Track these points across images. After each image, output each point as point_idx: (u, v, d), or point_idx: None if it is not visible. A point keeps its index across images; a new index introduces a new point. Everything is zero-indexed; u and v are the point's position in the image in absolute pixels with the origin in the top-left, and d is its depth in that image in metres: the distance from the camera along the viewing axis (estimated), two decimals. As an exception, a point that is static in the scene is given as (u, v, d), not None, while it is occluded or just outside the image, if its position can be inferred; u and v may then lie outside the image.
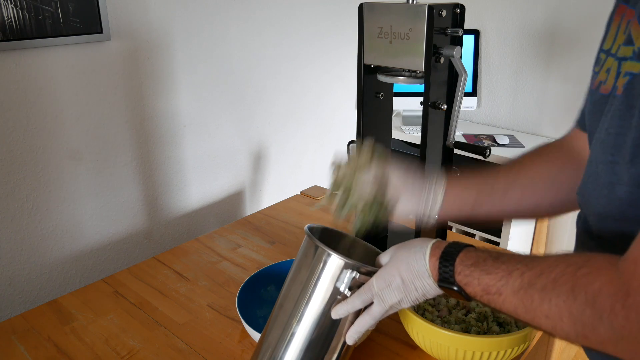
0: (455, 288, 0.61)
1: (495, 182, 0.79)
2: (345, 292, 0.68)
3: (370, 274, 0.68)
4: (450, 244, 0.64)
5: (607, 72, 0.61)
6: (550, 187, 0.78)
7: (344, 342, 0.70)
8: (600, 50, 0.66)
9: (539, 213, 0.85)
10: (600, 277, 0.48)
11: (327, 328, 0.69)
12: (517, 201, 0.78)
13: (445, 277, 0.61)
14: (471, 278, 0.59)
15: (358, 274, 0.68)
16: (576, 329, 0.49)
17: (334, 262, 0.68)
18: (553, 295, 0.51)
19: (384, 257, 0.70)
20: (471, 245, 0.63)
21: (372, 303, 0.68)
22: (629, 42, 0.56)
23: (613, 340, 0.47)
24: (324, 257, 0.68)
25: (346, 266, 0.68)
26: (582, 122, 0.75)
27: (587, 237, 0.66)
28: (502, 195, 0.78)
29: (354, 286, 0.68)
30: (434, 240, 0.66)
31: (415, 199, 0.79)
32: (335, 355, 0.71)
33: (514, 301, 0.55)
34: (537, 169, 0.79)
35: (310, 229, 0.74)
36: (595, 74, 0.65)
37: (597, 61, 0.66)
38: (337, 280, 0.68)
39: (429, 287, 0.64)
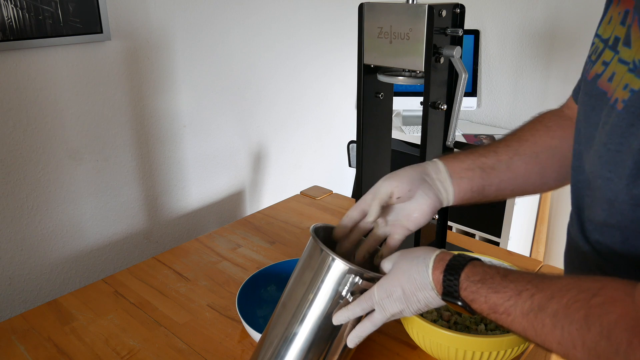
0: (459, 303, 0.60)
1: (497, 157, 0.75)
2: (348, 297, 0.68)
3: (373, 280, 0.67)
4: (455, 257, 0.62)
5: (605, 65, 0.59)
6: (554, 156, 0.74)
7: (345, 345, 0.70)
8: (596, 35, 0.63)
9: (547, 184, 0.79)
10: (615, 309, 0.47)
11: (328, 330, 0.69)
12: (524, 174, 0.75)
13: (449, 291, 0.60)
14: (477, 295, 0.58)
15: (361, 280, 0.68)
16: (590, 358, 0.48)
17: (338, 267, 0.68)
18: (565, 323, 0.49)
19: (387, 264, 0.69)
20: (477, 259, 0.62)
21: (373, 310, 0.67)
22: (627, 42, 0.55)
23: None
24: (328, 261, 0.68)
25: (350, 271, 0.67)
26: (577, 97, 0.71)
27: (583, 241, 0.65)
28: (506, 169, 0.74)
29: (357, 291, 0.68)
30: (437, 251, 0.64)
31: (426, 198, 0.73)
32: (336, 357, 0.71)
33: (523, 323, 0.54)
34: (539, 139, 0.75)
35: (316, 229, 0.74)
36: (591, 62, 0.63)
37: (593, 49, 0.63)
38: (340, 284, 0.68)
39: (431, 299, 0.63)
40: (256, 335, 0.82)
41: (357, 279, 0.67)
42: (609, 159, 0.56)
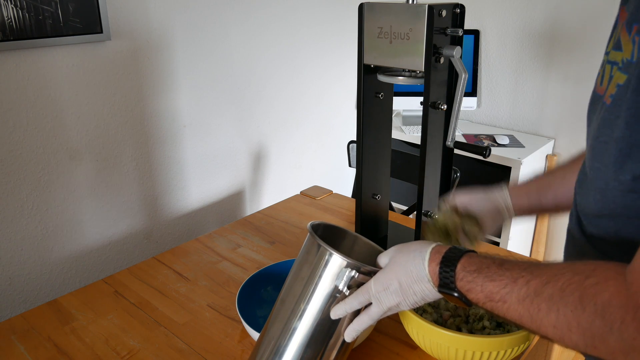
0: (455, 294, 0.60)
1: (552, 175, 0.85)
2: (345, 291, 0.68)
3: (370, 274, 0.68)
4: (450, 249, 0.63)
5: (602, 73, 0.62)
6: None
7: (344, 340, 0.71)
8: (605, 52, 0.67)
9: None
10: (608, 288, 0.48)
11: (327, 325, 0.70)
12: None
13: (445, 283, 0.61)
14: (474, 284, 0.59)
15: (358, 274, 0.68)
16: (585, 340, 0.49)
17: (336, 261, 0.68)
18: (561, 305, 0.50)
19: (384, 258, 0.70)
20: (472, 250, 0.63)
21: (371, 303, 0.68)
22: (618, 47, 0.57)
23: (624, 351, 0.47)
24: (325, 256, 0.69)
25: (347, 266, 0.68)
26: None
27: (579, 234, 0.67)
28: (560, 184, 0.82)
29: (354, 285, 0.68)
30: (433, 244, 0.65)
31: (492, 208, 0.86)
32: (335, 352, 0.72)
33: (519, 309, 0.54)
34: None
35: (313, 226, 0.75)
36: (598, 75, 0.66)
37: (601, 62, 0.67)
38: (338, 278, 0.68)
39: (428, 292, 0.63)
40: (256, 335, 0.82)
41: (354, 272, 0.68)
42: (599, 149, 0.58)
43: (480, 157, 1.48)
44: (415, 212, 1.02)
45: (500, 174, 1.90)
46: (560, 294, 0.51)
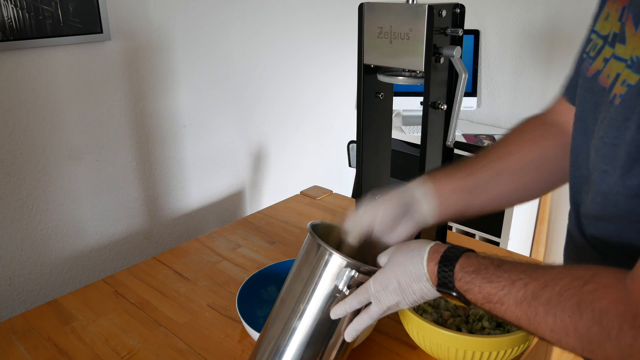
0: (454, 294, 0.60)
1: (479, 179, 0.75)
2: (345, 291, 0.68)
3: (369, 274, 0.68)
4: (449, 248, 0.63)
5: (605, 62, 0.60)
6: (541, 166, 0.75)
7: (344, 340, 0.71)
8: (593, 31, 0.63)
9: (534, 194, 0.80)
10: (607, 295, 0.47)
11: (327, 325, 0.70)
12: (505, 192, 0.75)
13: (444, 282, 0.61)
14: (472, 285, 0.58)
15: (358, 274, 0.68)
16: (582, 345, 0.49)
17: (336, 261, 0.68)
18: (558, 310, 0.50)
19: (383, 258, 0.70)
20: (471, 250, 0.63)
21: (370, 303, 0.68)
22: (622, 39, 0.56)
23: (621, 358, 0.47)
24: (325, 256, 0.69)
25: (347, 265, 0.68)
26: (571, 95, 0.72)
27: (579, 235, 0.66)
28: (486, 192, 0.75)
29: (354, 285, 0.69)
30: (432, 243, 0.65)
31: (407, 228, 0.74)
32: (335, 351, 0.72)
33: (516, 312, 0.54)
34: (524, 153, 0.76)
35: (313, 226, 0.75)
36: (590, 59, 0.63)
37: (592, 45, 0.63)
38: (337, 278, 0.68)
39: (427, 291, 0.63)
40: (256, 335, 0.82)
41: (353, 272, 0.68)
42: (606, 152, 0.57)
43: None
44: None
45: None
46: (557, 298, 0.50)
